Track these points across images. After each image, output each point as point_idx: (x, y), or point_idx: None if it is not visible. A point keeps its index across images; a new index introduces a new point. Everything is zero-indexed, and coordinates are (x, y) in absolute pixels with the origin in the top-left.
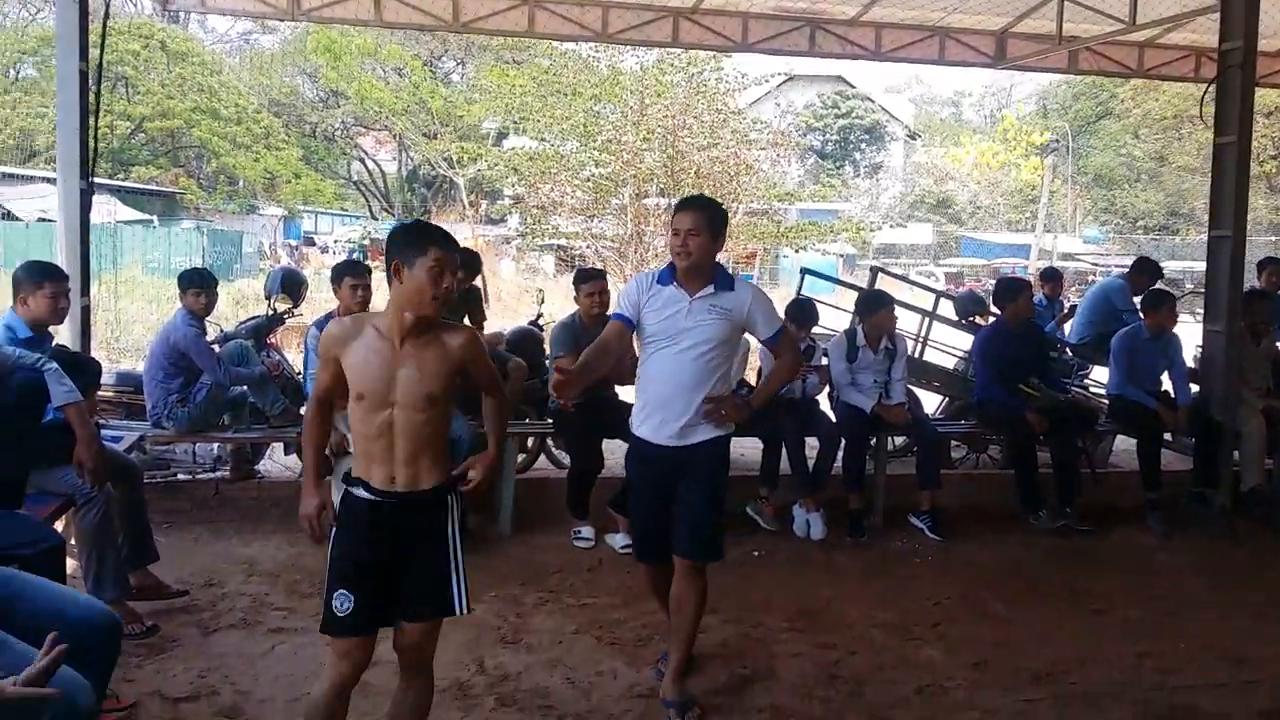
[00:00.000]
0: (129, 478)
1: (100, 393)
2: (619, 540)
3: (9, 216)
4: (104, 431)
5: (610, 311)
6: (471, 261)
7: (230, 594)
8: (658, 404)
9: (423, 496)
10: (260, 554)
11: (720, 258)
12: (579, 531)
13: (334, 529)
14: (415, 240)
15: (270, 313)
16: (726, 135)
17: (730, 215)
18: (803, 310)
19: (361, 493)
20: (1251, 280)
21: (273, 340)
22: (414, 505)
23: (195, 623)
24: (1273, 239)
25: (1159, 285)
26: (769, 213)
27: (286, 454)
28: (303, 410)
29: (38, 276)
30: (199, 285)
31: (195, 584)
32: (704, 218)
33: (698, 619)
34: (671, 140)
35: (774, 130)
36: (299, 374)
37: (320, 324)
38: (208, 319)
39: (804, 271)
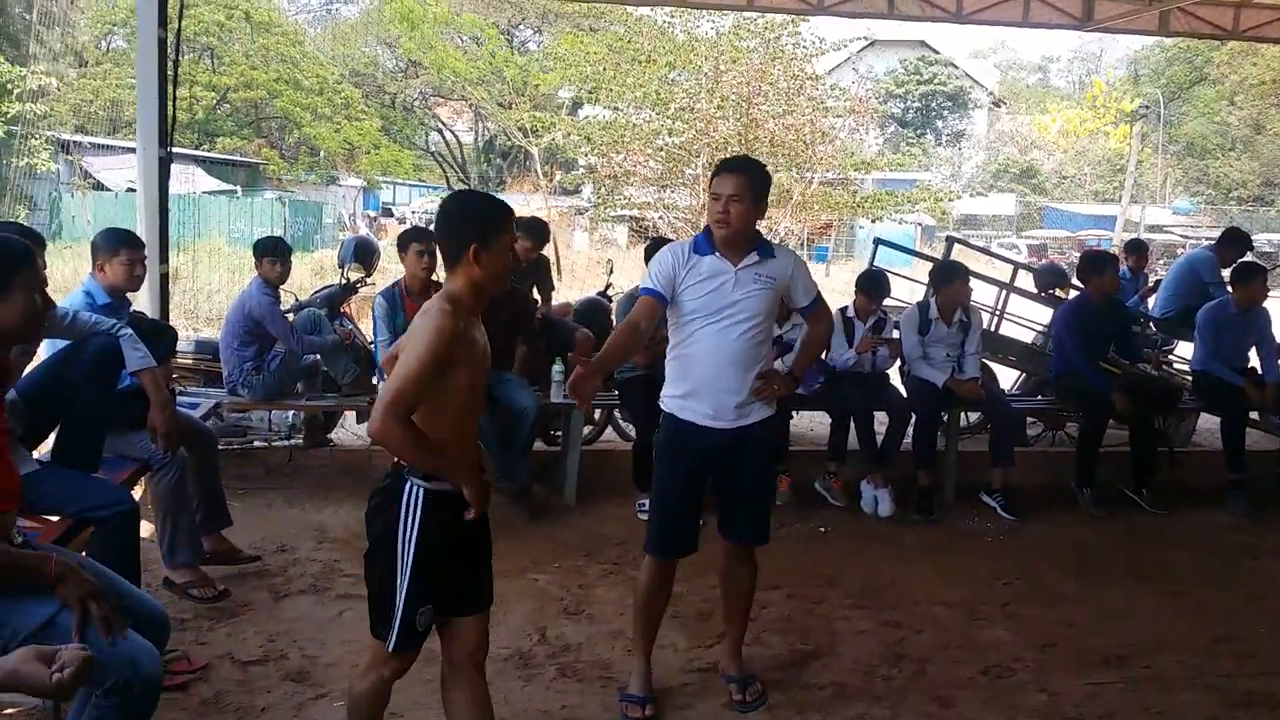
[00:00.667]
0: (203, 444)
1: (179, 360)
2: None
3: (99, 187)
4: (181, 398)
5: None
6: (540, 230)
7: (301, 560)
8: (707, 386)
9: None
10: (331, 521)
11: (795, 229)
12: (643, 504)
13: (415, 544)
14: (499, 219)
15: (344, 282)
16: (803, 102)
17: (805, 185)
18: (874, 281)
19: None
20: None
21: (346, 309)
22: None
23: (267, 587)
24: None
25: (1249, 258)
26: (845, 182)
27: (359, 422)
28: (375, 380)
29: (115, 243)
30: (274, 254)
31: (268, 549)
32: (746, 182)
33: (753, 595)
34: (746, 108)
35: (852, 97)
36: (371, 343)
37: (387, 293)
38: (283, 288)
39: (878, 242)
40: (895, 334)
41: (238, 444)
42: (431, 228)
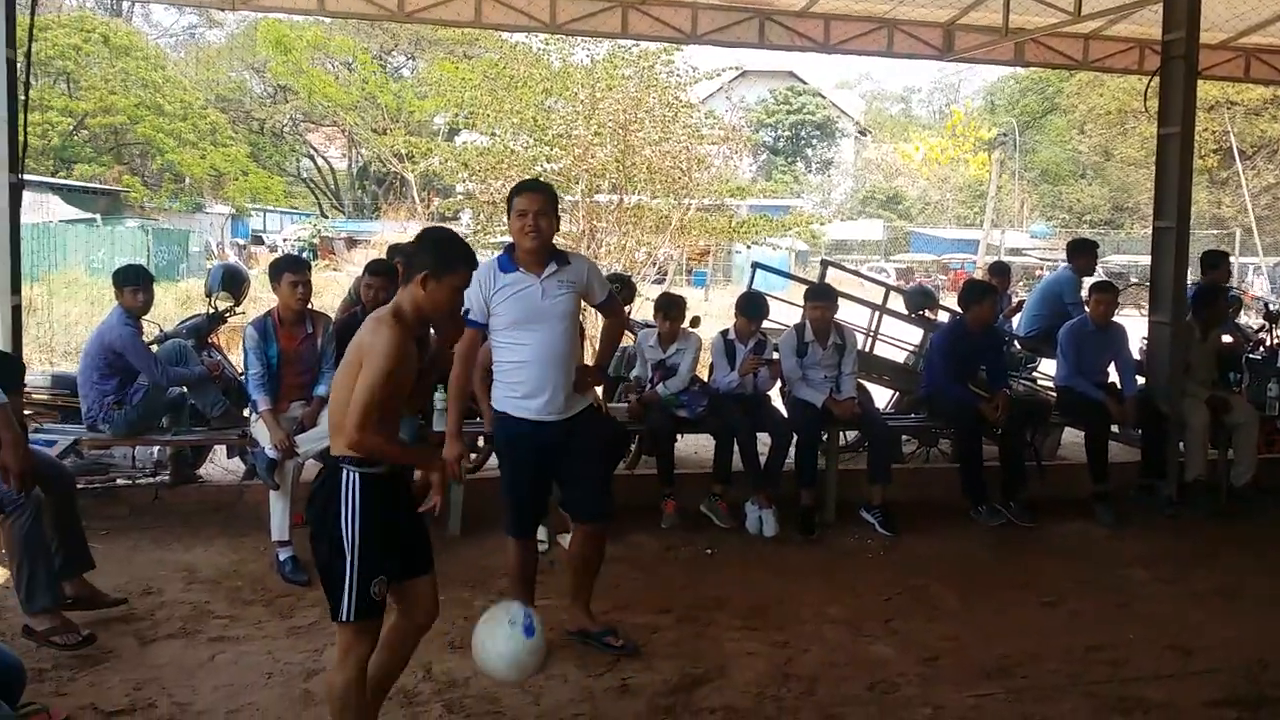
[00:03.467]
0: (60, 483)
1: (34, 396)
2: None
3: None
4: (37, 436)
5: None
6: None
7: (169, 602)
8: (539, 382)
9: None
10: (201, 560)
11: (674, 254)
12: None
13: (358, 522)
14: (457, 262)
15: (211, 311)
16: (678, 130)
17: (683, 211)
18: (753, 304)
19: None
20: (1193, 273)
21: (214, 340)
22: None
23: (133, 632)
24: (1215, 232)
25: (1099, 273)
26: (722, 208)
27: (229, 457)
28: (247, 412)
29: None
30: (135, 282)
31: (133, 592)
32: (548, 199)
33: (598, 570)
34: (623, 135)
35: (725, 125)
36: (241, 374)
37: (258, 324)
38: (146, 318)
39: (755, 266)
40: (775, 355)
41: (99, 482)
42: (303, 255)
